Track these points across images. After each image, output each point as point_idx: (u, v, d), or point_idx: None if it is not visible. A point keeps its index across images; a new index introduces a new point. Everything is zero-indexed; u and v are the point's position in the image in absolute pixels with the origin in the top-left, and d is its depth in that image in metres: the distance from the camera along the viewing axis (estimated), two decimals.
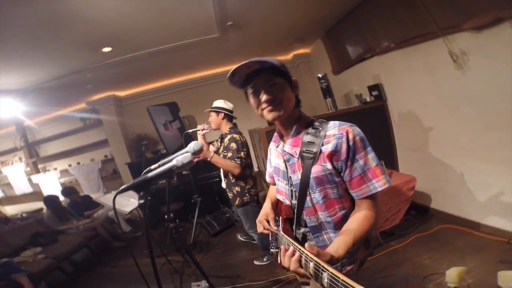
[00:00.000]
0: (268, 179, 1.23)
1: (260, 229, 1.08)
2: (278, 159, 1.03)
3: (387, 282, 1.90)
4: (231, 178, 2.26)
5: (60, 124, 4.83)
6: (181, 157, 0.97)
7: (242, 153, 2.14)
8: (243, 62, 0.79)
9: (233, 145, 2.14)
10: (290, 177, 0.96)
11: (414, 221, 2.64)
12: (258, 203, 2.36)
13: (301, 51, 4.56)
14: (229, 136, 2.19)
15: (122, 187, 0.98)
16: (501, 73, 1.83)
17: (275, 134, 1.05)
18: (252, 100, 0.90)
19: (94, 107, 4.62)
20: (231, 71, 0.82)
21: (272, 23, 3.03)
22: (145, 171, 1.18)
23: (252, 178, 2.32)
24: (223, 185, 2.39)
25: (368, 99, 3.12)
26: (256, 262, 2.57)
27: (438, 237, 2.34)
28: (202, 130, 2.24)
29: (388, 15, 2.55)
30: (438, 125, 2.51)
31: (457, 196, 2.44)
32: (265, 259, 2.54)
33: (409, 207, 2.52)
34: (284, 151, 0.95)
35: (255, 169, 4.62)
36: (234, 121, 2.37)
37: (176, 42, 2.98)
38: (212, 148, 2.38)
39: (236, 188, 2.26)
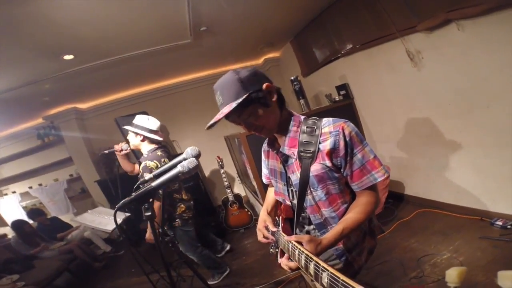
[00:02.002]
0: (265, 180, 1.23)
1: (260, 237, 1.07)
2: (274, 160, 1.03)
3: (385, 268, 1.97)
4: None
5: (14, 144, 4.30)
6: (186, 163, 0.94)
7: None
8: (211, 123, 0.85)
9: (146, 175, 1.89)
10: (289, 177, 0.97)
11: (393, 208, 2.83)
12: (193, 225, 2.23)
13: (271, 55, 4.68)
14: (142, 164, 1.90)
15: (124, 200, 0.92)
16: (450, 68, 2.08)
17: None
18: (241, 127, 0.91)
19: (53, 122, 4.20)
20: (207, 127, 0.86)
21: (244, 28, 3.08)
22: (138, 183, 1.12)
23: (183, 202, 2.17)
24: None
25: (337, 99, 3.33)
26: (210, 282, 2.42)
27: (418, 221, 2.51)
28: (120, 151, 2.01)
29: (352, 18, 2.76)
30: (401, 118, 2.75)
31: (426, 181, 2.68)
32: (216, 277, 2.46)
33: (386, 197, 2.72)
34: (281, 152, 0.94)
35: (236, 175, 4.62)
36: (160, 139, 2.07)
37: (146, 48, 2.86)
38: (137, 167, 2.16)
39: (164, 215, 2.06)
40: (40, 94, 3.26)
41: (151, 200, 1.79)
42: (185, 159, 1.07)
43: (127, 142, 2.03)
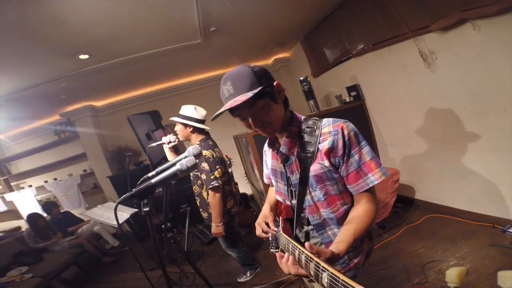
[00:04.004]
0: (266, 180, 1.23)
1: (258, 231, 1.07)
2: (275, 160, 1.03)
3: (388, 273, 1.94)
4: (205, 197, 1.99)
5: (32, 139, 4.52)
6: (185, 161, 0.96)
7: (216, 172, 1.87)
8: (219, 111, 0.81)
9: (204, 165, 1.86)
10: (288, 177, 0.97)
11: (402, 213, 2.76)
12: (235, 221, 2.20)
13: (281, 55, 4.67)
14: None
15: (124, 195, 0.94)
16: (465, 70, 2.01)
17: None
18: (243, 124, 0.88)
19: (69, 119, 4.38)
20: (212, 118, 0.84)
21: (254, 28, 3.09)
22: (141, 179, 1.14)
23: (232, 196, 2.10)
24: (198, 203, 2.14)
25: (347, 100, 3.27)
26: (240, 280, 2.39)
27: (427, 227, 2.44)
28: (169, 143, 1.96)
29: (363, 19, 2.71)
30: (413, 120, 2.67)
31: (438, 186, 2.60)
32: (248, 274, 2.41)
33: (395, 200, 2.64)
34: (281, 152, 0.94)
35: (243, 174, 4.63)
36: (207, 129, 2.05)
37: (157, 48, 2.93)
38: None
39: (212, 213, 2.00)
40: (57, 92, 3.41)
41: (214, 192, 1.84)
42: (186, 157, 1.09)
43: (175, 134, 2.00)
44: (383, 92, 2.91)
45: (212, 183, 1.86)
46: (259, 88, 0.77)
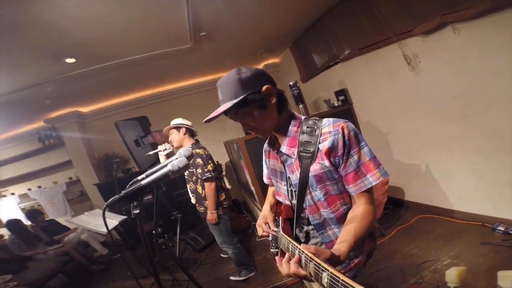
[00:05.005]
0: (266, 180, 1.22)
1: (260, 232, 1.06)
2: (275, 160, 1.03)
3: (384, 275, 1.94)
4: (200, 192, 2.20)
5: (14, 146, 4.34)
6: (176, 162, 0.94)
7: (209, 166, 2.11)
8: (208, 118, 0.87)
9: (199, 160, 2.12)
10: (288, 177, 0.97)
11: (393, 214, 2.79)
12: (230, 215, 2.34)
13: (271, 61, 4.74)
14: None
15: (113, 198, 0.91)
16: (447, 72, 2.09)
17: (269, 136, 1.03)
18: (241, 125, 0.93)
19: (54, 125, 4.24)
20: (204, 121, 0.89)
21: (244, 33, 3.13)
22: (131, 182, 1.12)
23: (224, 191, 2.30)
24: (193, 200, 2.30)
25: (336, 104, 3.33)
26: (232, 278, 2.44)
27: (419, 227, 2.47)
28: (164, 150, 2.17)
29: (349, 24, 2.79)
30: (399, 123, 2.74)
31: (426, 186, 2.65)
32: (242, 274, 2.43)
33: (386, 202, 2.67)
34: (281, 152, 0.94)
35: (234, 179, 4.60)
36: (195, 137, 2.33)
37: (147, 53, 2.91)
38: None
39: (207, 202, 2.19)
40: (42, 97, 3.31)
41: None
42: (177, 159, 1.08)
43: (170, 142, 2.25)
44: (370, 95, 2.98)
45: (206, 174, 2.09)
46: (239, 98, 0.81)
